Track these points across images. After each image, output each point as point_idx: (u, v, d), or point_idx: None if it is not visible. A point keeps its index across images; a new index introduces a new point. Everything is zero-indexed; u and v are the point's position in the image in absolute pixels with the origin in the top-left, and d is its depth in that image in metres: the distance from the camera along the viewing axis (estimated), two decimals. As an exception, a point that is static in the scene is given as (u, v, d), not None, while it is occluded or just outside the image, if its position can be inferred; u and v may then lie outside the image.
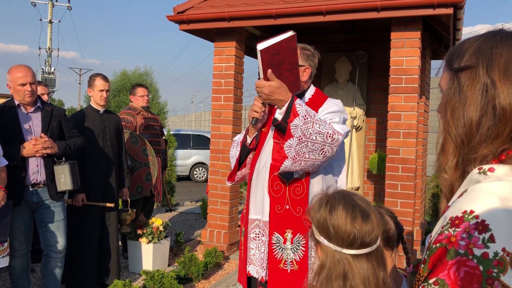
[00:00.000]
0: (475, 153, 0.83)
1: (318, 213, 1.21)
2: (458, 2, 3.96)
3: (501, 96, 0.81)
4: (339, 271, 1.17)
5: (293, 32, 1.99)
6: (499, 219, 0.75)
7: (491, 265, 0.73)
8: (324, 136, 2.05)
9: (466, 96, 0.84)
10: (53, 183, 3.31)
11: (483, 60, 0.84)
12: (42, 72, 29.86)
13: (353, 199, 1.23)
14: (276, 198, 2.20)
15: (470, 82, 0.84)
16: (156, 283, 3.68)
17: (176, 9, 5.00)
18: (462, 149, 0.85)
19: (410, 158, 4.37)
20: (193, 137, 13.88)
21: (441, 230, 0.80)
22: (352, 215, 1.18)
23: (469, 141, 0.84)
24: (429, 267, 0.81)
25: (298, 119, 2.03)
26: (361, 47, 5.91)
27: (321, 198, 1.25)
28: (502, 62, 0.82)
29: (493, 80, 0.82)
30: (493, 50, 0.84)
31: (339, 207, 1.19)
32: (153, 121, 5.26)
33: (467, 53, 0.87)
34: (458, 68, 0.87)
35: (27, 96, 3.22)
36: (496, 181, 0.80)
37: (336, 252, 1.18)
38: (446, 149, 0.88)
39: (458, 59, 0.88)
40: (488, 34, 0.88)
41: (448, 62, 0.91)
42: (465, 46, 0.89)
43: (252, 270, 2.26)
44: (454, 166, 0.87)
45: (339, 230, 1.17)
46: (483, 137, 0.82)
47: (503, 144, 0.81)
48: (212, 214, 5.19)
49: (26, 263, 3.35)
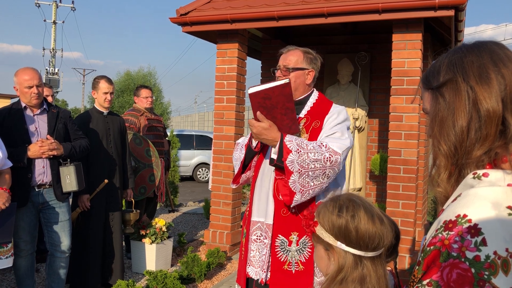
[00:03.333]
0: (470, 157, 0.87)
1: (338, 218, 1.18)
2: (460, 4, 3.98)
3: (482, 99, 0.85)
4: (357, 275, 1.17)
5: (288, 80, 2.04)
6: (491, 223, 0.78)
7: (483, 267, 0.75)
8: (322, 162, 2.09)
9: (453, 107, 0.88)
10: (58, 184, 3.35)
11: (458, 70, 0.89)
12: (46, 72, 29.94)
13: (368, 202, 1.22)
14: (281, 201, 2.20)
15: (454, 93, 0.89)
16: (159, 283, 3.71)
17: (179, 11, 5.04)
18: (455, 157, 0.89)
19: (412, 159, 4.39)
20: (196, 138, 13.92)
21: (435, 233, 0.83)
22: (373, 219, 1.17)
23: (461, 147, 0.87)
24: (423, 269, 0.84)
25: (292, 155, 2.06)
26: (363, 49, 5.93)
27: (337, 203, 1.21)
28: (475, 68, 0.88)
29: (472, 86, 0.87)
30: (463, 60, 0.90)
31: (361, 211, 1.18)
32: (156, 122, 5.29)
33: (442, 70, 0.92)
34: (438, 85, 0.92)
35: (34, 98, 3.27)
36: (489, 186, 0.83)
37: (355, 257, 1.17)
38: (438, 163, 0.91)
39: (435, 77, 0.93)
40: (453, 50, 0.95)
41: (426, 84, 0.96)
42: (437, 65, 0.95)
43: (251, 271, 2.27)
44: (447, 179, 0.91)
45: (363, 235, 1.16)
46: (473, 141, 0.86)
47: (494, 143, 0.85)
48: (215, 215, 5.22)
49: (31, 263, 3.39)
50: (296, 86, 2.29)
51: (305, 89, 2.35)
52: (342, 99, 5.82)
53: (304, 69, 2.29)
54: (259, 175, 2.33)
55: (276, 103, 2.06)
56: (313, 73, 2.33)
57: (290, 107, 2.09)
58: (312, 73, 2.32)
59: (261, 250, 2.25)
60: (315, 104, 2.35)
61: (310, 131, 2.25)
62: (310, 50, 2.37)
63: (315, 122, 2.27)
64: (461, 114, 0.87)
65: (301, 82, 2.31)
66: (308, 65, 2.31)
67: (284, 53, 2.35)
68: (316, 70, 2.35)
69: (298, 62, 2.29)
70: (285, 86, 2.02)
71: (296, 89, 2.30)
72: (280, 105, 2.07)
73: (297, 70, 2.28)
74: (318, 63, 2.36)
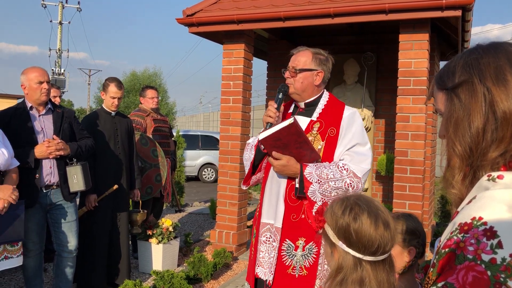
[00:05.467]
0: (485, 159, 0.86)
1: (340, 218, 1.20)
2: (467, 4, 3.96)
3: (499, 101, 0.85)
4: (356, 276, 1.18)
5: (292, 119, 2.07)
6: (507, 226, 0.78)
7: (499, 270, 0.75)
8: (343, 189, 2.14)
9: (469, 108, 0.87)
10: (66, 184, 3.36)
11: (475, 72, 0.88)
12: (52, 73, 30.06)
13: (376, 206, 1.22)
14: (292, 206, 2.21)
15: (470, 94, 0.88)
16: (166, 283, 3.72)
17: (185, 12, 5.05)
18: (470, 159, 0.88)
19: (418, 160, 4.38)
20: (202, 138, 13.93)
21: (450, 236, 0.83)
22: (376, 223, 1.18)
23: (477, 148, 0.87)
24: (438, 271, 0.83)
25: (313, 186, 2.13)
26: (369, 49, 5.92)
27: (343, 203, 1.24)
28: (491, 69, 0.87)
29: (488, 88, 0.86)
30: (480, 61, 0.89)
31: (364, 214, 1.19)
32: (162, 122, 5.31)
33: (457, 71, 0.91)
34: (454, 86, 0.91)
35: (44, 95, 3.28)
36: (504, 188, 0.82)
37: (355, 258, 1.18)
38: (452, 164, 0.91)
39: (450, 78, 0.92)
40: (469, 51, 0.94)
41: (440, 84, 0.95)
42: (452, 65, 0.94)
43: (261, 272, 2.29)
44: (462, 180, 0.90)
45: (362, 238, 1.17)
46: (489, 142, 0.86)
47: (509, 144, 0.85)
48: (221, 215, 5.23)
49: (39, 263, 3.40)
50: (304, 87, 2.28)
51: (314, 90, 2.32)
52: (348, 99, 5.80)
53: (313, 70, 2.27)
54: (269, 177, 2.33)
55: (288, 141, 2.13)
56: (322, 74, 2.30)
57: (303, 141, 2.14)
58: (321, 74, 2.29)
59: (269, 252, 2.26)
60: (326, 106, 2.33)
61: (326, 139, 2.25)
62: (321, 51, 2.35)
63: (331, 130, 2.26)
64: (477, 115, 0.86)
65: (309, 83, 2.28)
66: (317, 66, 2.28)
67: (294, 54, 2.34)
68: (327, 71, 2.32)
69: (306, 63, 2.27)
70: (291, 127, 2.08)
71: (305, 90, 2.29)
72: (292, 143, 2.13)
73: (305, 71, 2.27)
74: (329, 64, 2.34)
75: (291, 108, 2.44)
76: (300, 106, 2.37)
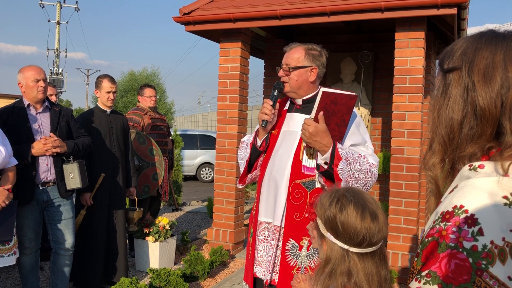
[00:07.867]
0: (463, 152, 0.87)
1: (327, 210, 1.22)
2: (462, 2, 3.98)
3: (479, 98, 0.84)
4: (344, 268, 1.19)
5: (356, 95, 2.14)
6: (487, 213, 0.79)
7: (480, 257, 0.76)
8: (365, 173, 2.14)
9: (450, 96, 0.88)
10: (62, 181, 3.37)
11: (466, 62, 0.88)
12: (50, 72, 30.08)
13: (364, 198, 1.23)
14: (295, 205, 2.18)
15: (454, 83, 0.88)
16: (163, 281, 3.73)
17: (182, 11, 5.05)
18: (446, 148, 0.89)
19: (415, 158, 4.39)
20: (200, 137, 13.94)
21: (433, 225, 0.84)
22: (362, 215, 1.19)
23: (451, 140, 0.87)
24: (422, 260, 0.84)
25: (342, 163, 2.09)
26: (366, 47, 5.93)
27: (331, 195, 1.25)
28: (482, 65, 0.86)
29: (473, 82, 0.86)
30: (476, 53, 0.88)
31: (350, 206, 1.19)
32: (160, 121, 5.31)
33: (456, 55, 0.91)
34: (446, 70, 0.91)
35: (41, 93, 3.29)
36: (485, 177, 0.83)
37: (342, 249, 1.20)
38: (434, 147, 0.91)
39: (448, 59, 0.92)
40: (476, 35, 0.92)
41: (440, 63, 0.95)
42: (456, 47, 0.92)
43: (259, 271, 2.26)
44: (438, 163, 0.91)
45: (348, 229, 1.18)
46: (467, 137, 0.86)
47: (488, 143, 0.85)
48: (218, 213, 5.23)
49: (35, 261, 3.41)
50: (299, 84, 2.25)
51: (309, 87, 2.29)
52: (345, 98, 5.81)
53: (306, 66, 2.24)
54: (266, 175, 2.30)
55: (338, 110, 2.12)
56: (317, 70, 2.26)
57: (346, 120, 2.15)
58: (315, 70, 2.26)
59: (268, 251, 2.24)
60: None
61: None
62: (314, 46, 2.31)
63: None
64: (455, 107, 0.86)
65: (304, 80, 2.25)
66: (311, 62, 2.25)
67: (287, 51, 2.31)
68: (321, 66, 2.28)
69: (299, 60, 2.24)
70: (352, 98, 2.10)
71: (300, 87, 2.26)
72: (339, 115, 2.13)
73: (298, 68, 2.24)
74: (322, 59, 2.29)
75: (287, 105, 2.41)
76: (297, 103, 2.35)
